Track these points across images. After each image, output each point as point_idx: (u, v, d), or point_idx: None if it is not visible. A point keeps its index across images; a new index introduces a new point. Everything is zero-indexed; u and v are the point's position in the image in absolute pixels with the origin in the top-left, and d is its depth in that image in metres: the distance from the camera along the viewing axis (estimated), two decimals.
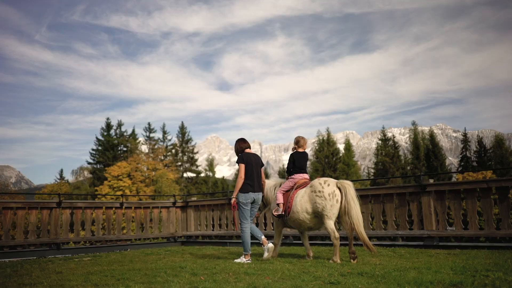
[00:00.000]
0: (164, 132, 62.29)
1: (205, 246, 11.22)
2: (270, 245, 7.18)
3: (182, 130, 64.48)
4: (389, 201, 9.27)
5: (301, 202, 7.03)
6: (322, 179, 7.03)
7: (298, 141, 7.64)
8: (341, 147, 61.88)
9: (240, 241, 7.39)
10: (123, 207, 12.11)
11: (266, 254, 7.16)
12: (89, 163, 57.75)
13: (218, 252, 9.22)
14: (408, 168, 53.78)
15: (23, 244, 10.16)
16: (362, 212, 9.48)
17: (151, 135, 60.40)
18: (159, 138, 61.33)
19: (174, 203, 13.15)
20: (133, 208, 12.40)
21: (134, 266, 7.05)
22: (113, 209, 11.98)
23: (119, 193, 38.45)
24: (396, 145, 56.16)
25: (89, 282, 5.24)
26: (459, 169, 56.96)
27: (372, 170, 57.71)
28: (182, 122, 65.40)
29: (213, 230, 12.38)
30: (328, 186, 6.83)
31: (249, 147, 7.59)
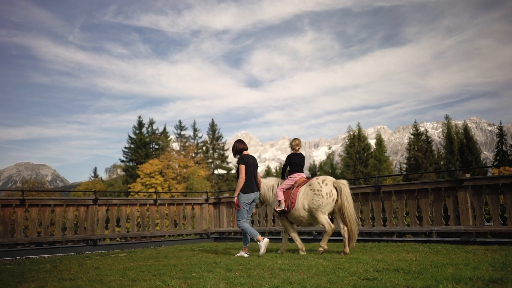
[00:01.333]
0: (195, 130, 62.76)
1: (238, 242, 11.28)
2: (247, 256, 7.56)
3: (213, 127, 64.83)
4: (424, 197, 9.12)
5: (301, 199, 7.55)
6: (320, 178, 7.53)
7: (297, 144, 8.16)
8: (372, 142, 61.08)
9: (274, 237, 7.50)
10: (157, 204, 12.29)
11: (237, 255, 7.79)
12: (122, 161, 58.74)
13: (251, 248, 9.24)
14: (442, 163, 52.67)
15: (61, 240, 10.43)
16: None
17: (182, 132, 60.99)
18: (190, 136, 61.85)
19: (206, 200, 13.26)
20: (166, 205, 12.57)
21: (169, 261, 7.16)
22: (147, 205, 12.16)
23: (151, 190, 38.99)
24: (429, 139, 55.06)
25: (127, 277, 5.34)
26: (495, 163, 55.47)
27: (405, 165, 56.78)
28: (213, 119, 65.83)
29: None
30: (326, 185, 7.36)
31: (247, 149, 7.98)
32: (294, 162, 8.02)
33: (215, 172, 62.79)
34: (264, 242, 7.42)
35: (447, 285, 3.99)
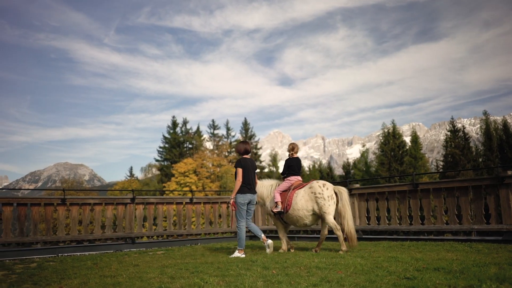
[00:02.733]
0: (228, 129, 63.15)
1: (273, 241, 11.28)
2: (270, 241, 7.95)
3: (245, 126, 65.01)
4: (463, 195, 8.91)
5: (302, 201, 7.91)
6: (320, 182, 7.96)
7: (293, 148, 8.60)
8: (407, 139, 60.05)
9: (308, 235, 7.57)
10: (193, 202, 12.43)
11: (268, 250, 7.92)
12: (157, 160, 59.76)
13: (278, 246, 9.23)
14: (480, 160, 51.28)
15: (101, 238, 10.67)
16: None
17: (215, 131, 61.51)
18: (223, 135, 62.29)
19: None
20: (202, 203, 12.68)
21: (206, 259, 7.23)
22: (183, 204, 12.31)
23: (186, 189, 39.43)
24: (467, 136, 53.71)
25: (165, 274, 5.43)
26: None
27: (441, 163, 55.55)
28: (245, 118, 65.89)
29: None
30: (327, 189, 7.80)
31: (249, 152, 8.26)
32: (292, 166, 8.45)
33: None
34: (240, 256, 7.58)
35: (490, 285, 3.89)
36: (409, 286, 4.03)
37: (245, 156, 8.16)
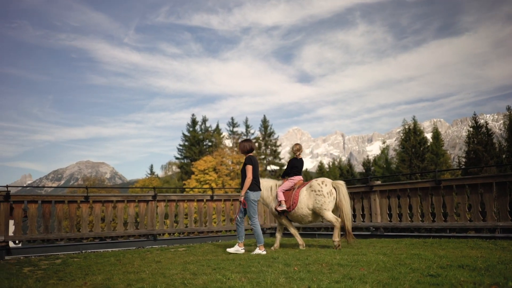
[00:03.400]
0: (247, 126, 63.20)
1: (293, 238, 11.27)
2: (243, 251, 8.01)
3: (265, 123, 64.96)
4: (487, 191, 8.77)
5: (304, 200, 8.20)
6: (319, 180, 8.27)
7: (299, 149, 8.88)
8: (428, 136, 59.27)
9: (329, 232, 7.56)
10: (213, 199, 12.49)
11: (231, 249, 8.07)
12: (176, 158, 60.26)
13: (307, 243, 9.24)
14: (504, 156, 50.32)
15: (123, 235, 10.80)
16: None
17: (235, 129, 61.64)
18: (242, 132, 62.33)
19: None
20: (222, 200, 12.73)
21: (227, 256, 7.28)
22: (204, 201, 12.37)
23: (205, 186, 39.62)
24: (490, 132, 52.77)
25: (187, 271, 5.48)
26: None
27: (463, 159, 54.71)
28: (264, 115, 65.94)
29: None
30: (325, 186, 8.09)
31: (254, 149, 8.31)
32: (296, 166, 8.68)
33: (268, 168, 62.93)
34: (261, 252, 7.69)
35: None
36: (433, 283, 3.99)
37: (250, 154, 8.21)
